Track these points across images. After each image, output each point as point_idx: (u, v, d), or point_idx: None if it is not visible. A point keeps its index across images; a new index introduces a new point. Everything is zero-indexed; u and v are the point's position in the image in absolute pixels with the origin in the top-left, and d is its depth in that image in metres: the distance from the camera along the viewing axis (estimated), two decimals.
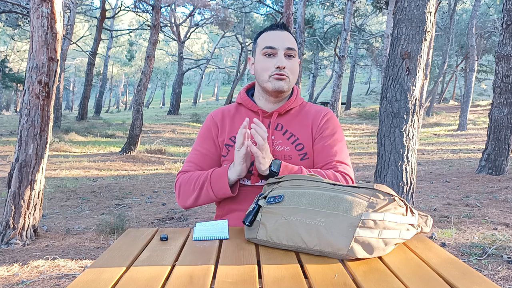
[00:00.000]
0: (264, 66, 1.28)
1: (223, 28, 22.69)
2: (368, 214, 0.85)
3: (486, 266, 2.52)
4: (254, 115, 1.34)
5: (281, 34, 1.30)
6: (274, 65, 1.26)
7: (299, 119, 1.34)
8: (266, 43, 1.28)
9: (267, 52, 1.28)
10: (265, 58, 1.28)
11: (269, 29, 1.32)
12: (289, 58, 1.28)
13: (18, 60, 28.24)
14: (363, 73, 48.67)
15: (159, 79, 44.92)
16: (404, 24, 3.28)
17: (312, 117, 1.35)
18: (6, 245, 2.89)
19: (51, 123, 3.08)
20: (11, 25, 15.70)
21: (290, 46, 1.28)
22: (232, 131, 1.34)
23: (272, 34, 1.30)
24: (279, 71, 1.26)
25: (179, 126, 15.92)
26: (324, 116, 1.35)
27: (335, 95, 14.60)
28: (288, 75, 1.28)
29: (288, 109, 1.34)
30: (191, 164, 1.36)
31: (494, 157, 5.74)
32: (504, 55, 5.71)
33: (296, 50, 1.31)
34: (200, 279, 0.76)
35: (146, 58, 8.57)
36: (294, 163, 1.29)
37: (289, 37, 1.30)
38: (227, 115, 1.38)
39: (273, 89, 1.28)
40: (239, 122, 1.34)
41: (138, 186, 5.52)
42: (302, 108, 1.38)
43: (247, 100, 1.36)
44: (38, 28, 2.92)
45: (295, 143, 1.30)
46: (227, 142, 1.33)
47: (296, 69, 1.31)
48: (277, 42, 1.27)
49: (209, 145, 1.36)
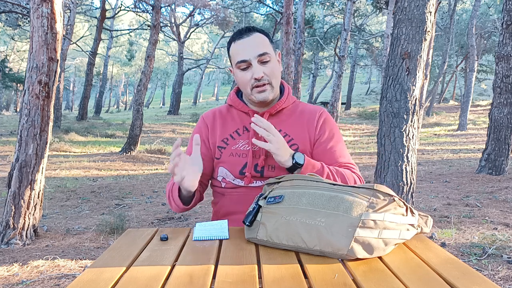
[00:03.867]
0: (243, 80, 1.25)
1: (223, 28, 22.70)
2: (368, 214, 0.86)
3: (486, 266, 2.52)
4: (245, 116, 1.33)
5: (249, 41, 1.24)
6: (252, 77, 1.23)
7: (293, 119, 1.32)
8: (238, 57, 1.24)
9: (241, 66, 1.24)
10: (241, 72, 1.25)
11: (237, 38, 1.26)
12: (264, 64, 1.24)
13: (18, 60, 28.25)
14: (363, 73, 48.67)
15: (159, 79, 44.93)
16: (404, 24, 3.28)
17: (306, 118, 1.33)
18: (6, 245, 2.89)
19: (51, 123, 3.08)
20: (11, 25, 15.70)
21: (261, 51, 1.22)
22: (224, 133, 1.32)
23: (240, 44, 1.24)
24: (258, 82, 1.23)
25: (179, 126, 15.93)
26: (319, 117, 1.33)
27: (335, 95, 14.61)
28: (269, 81, 1.25)
29: (280, 109, 1.32)
30: None
31: (494, 157, 5.74)
32: (504, 55, 5.71)
33: (271, 51, 1.26)
34: (200, 279, 0.76)
35: (146, 58, 8.57)
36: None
37: (258, 41, 1.24)
38: (218, 116, 1.36)
39: (258, 101, 1.27)
40: (231, 123, 1.33)
41: (138, 186, 5.52)
42: (295, 107, 1.36)
43: (238, 101, 1.34)
44: (38, 28, 2.92)
45: (290, 143, 1.28)
46: (219, 144, 1.32)
47: (275, 70, 1.27)
48: (247, 53, 1.22)
49: (201, 147, 1.34)
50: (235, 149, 1.29)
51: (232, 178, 1.29)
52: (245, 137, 1.30)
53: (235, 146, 1.30)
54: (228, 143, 1.31)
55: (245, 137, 1.30)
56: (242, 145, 1.29)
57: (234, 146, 1.30)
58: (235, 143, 1.30)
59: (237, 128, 1.32)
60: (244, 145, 1.29)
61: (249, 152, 1.27)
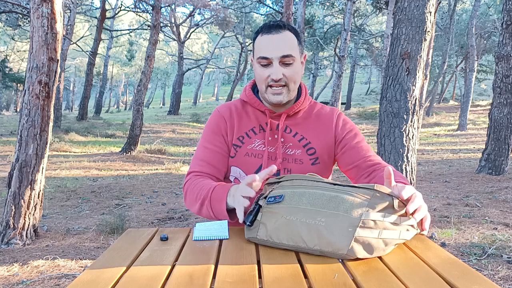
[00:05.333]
0: (261, 76, 1.21)
1: (223, 28, 22.69)
2: (368, 214, 0.86)
3: (486, 266, 2.52)
4: (261, 114, 1.29)
5: (277, 38, 1.18)
6: (270, 76, 1.19)
7: (310, 122, 1.28)
8: (260, 52, 1.19)
9: (261, 62, 1.19)
10: (261, 67, 1.20)
11: (265, 32, 1.20)
12: (286, 66, 1.19)
13: (18, 60, 28.24)
14: (363, 73, 48.67)
15: (159, 79, 44.92)
16: (404, 24, 3.28)
17: (323, 120, 1.29)
18: (6, 245, 2.89)
19: (51, 123, 3.08)
20: (11, 25, 15.70)
21: (285, 53, 1.17)
22: (240, 131, 1.27)
23: (266, 40, 1.18)
24: (275, 83, 1.19)
25: (179, 126, 15.93)
26: (337, 118, 1.30)
27: (335, 95, 14.61)
28: (287, 84, 1.20)
29: (297, 110, 1.28)
30: (202, 163, 1.26)
31: (494, 157, 5.75)
32: (504, 55, 5.71)
33: (296, 53, 1.20)
34: (200, 279, 0.76)
35: (146, 58, 8.57)
36: (305, 168, 1.25)
37: (286, 41, 1.18)
38: (234, 112, 1.30)
39: (272, 103, 1.24)
40: (246, 121, 1.28)
41: (138, 186, 5.52)
42: (311, 109, 1.32)
43: (253, 98, 1.29)
44: (38, 28, 2.92)
45: (307, 146, 1.25)
46: (235, 142, 1.27)
47: (296, 74, 1.22)
48: (271, 51, 1.17)
49: (219, 141, 1.28)
50: (251, 149, 1.26)
51: None
52: (261, 137, 1.26)
53: (250, 146, 1.26)
54: (244, 141, 1.26)
55: (261, 137, 1.26)
56: (258, 144, 1.26)
57: (250, 145, 1.26)
58: (251, 142, 1.26)
59: (253, 126, 1.28)
60: (260, 145, 1.25)
61: (264, 153, 1.24)
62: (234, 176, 1.28)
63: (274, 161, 1.23)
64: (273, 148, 1.24)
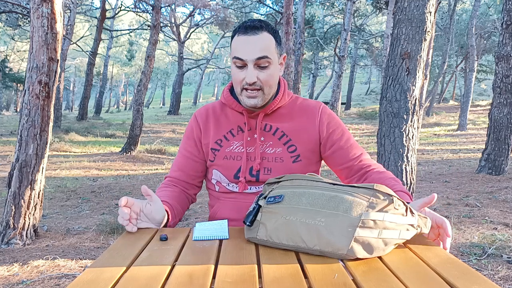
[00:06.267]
0: (236, 78, 1.18)
1: (223, 28, 22.69)
2: (368, 214, 0.86)
3: (486, 266, 2.52)
4: (240, 115, 1.27)
5: (253, 40, 1.13)
6: (244, 78, 1.16)
7: (291, 118, 1.25)
8: (235, 53, 1.15)
9: (236, 63, 1.16)
10: (236, 69, 1.17)
11: (241, 32, 1.15)
12: (261, 69, 1.15)
13: (18, 60, 28.23)
14: (363, 73, 48.65)
15: (159, 79, 44.91)
16: (404, 24, 3.28)
17: (306, 116, 1.26)
18: (6, 245, 2.89)
19: (51, 123, 3.08)
20: (11, 25, 15.70)
21: (260, 55, 1.13)
22: (217, 134, 1.27)
23: (242, 41, 1.14)
24: (249, 86, 1.16)
25: (179, 126, 15.93)
26: (321, 114, 1.26)
27: (335, 95, 14.61)
28: (262, 88, 1.17)
29: (275, 108, 1.25)
30: (175, 167, 1.31)
31: (494, 157, 5.75)
32: (504, 55, 5.71)
33: (273, 55, 1.16)
34: (200, 279, 0.76)
35: (146, 58, 8.57)
36: (286, 166, 1.23)
37: (262, 43, 1.14)
38: (211, 115, 1.29)
39: (246, 106, 1.21)
40: (225, 123, 1.28)
41: (138, 186, 5.52)
42: (293, 104, 1.28)
43: (231, 100, 1.26)
44: (38, 28, 2.92)
45: (287, 144, 1.23)
46: (212, 146, 1.27)
47: (271, 78, 1.18)
48: (246, 53, 1.13)
49: (191, 147, 1.30)
50: (229, 151, 1.25)
51: (226, 182, 1.26)
52: (239, 138, 1.25)
53: (229, 148, 1.25)
54: (222, 145, 1.26)
55: (239, 138, 1.25)
56: (236, 147, 1.24)
57: (228, 148, 1.25)
58: (229, 144, 1.25)
59: (231, 128, 1.27)
60: (238, 147, 1.24)
61: (243, 155, 1.23)
62: (215, 179, 1.28)
63: (253, 162, 1.22)
64: (252, 148, 1.23)
